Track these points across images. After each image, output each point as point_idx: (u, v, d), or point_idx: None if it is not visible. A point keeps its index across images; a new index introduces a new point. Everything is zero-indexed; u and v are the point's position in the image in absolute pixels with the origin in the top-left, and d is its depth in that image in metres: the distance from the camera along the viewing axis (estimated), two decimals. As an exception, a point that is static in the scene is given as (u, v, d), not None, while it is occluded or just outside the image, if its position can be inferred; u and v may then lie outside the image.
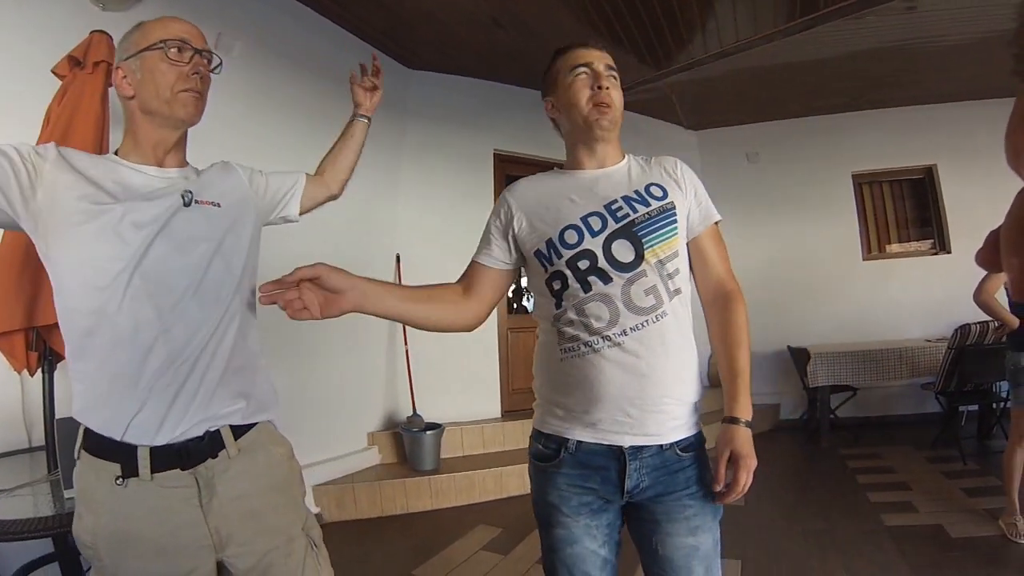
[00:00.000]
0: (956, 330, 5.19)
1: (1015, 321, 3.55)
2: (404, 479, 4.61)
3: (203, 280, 1.42)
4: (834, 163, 7.29)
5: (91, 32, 2.43)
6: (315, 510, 4.23)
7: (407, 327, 5.04)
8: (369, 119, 2.05)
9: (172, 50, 1.42)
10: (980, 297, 3.76)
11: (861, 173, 7.31)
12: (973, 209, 6.56)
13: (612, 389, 1.43)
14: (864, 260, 7.23)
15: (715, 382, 6.59)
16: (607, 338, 1.43)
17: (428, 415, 5.09)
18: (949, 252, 6.87)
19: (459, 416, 5.46)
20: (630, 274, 1.45)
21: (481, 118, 5.84)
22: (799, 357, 6.32)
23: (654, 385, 1.43)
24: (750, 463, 1.43)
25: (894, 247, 7.37)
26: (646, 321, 1.43)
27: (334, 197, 2.01)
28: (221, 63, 1.55)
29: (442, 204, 5.59)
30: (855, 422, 6.47)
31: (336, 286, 1.37)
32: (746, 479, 1.43)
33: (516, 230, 1.59)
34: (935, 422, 5.84)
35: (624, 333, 1.42)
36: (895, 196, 7.39)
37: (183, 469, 1.36)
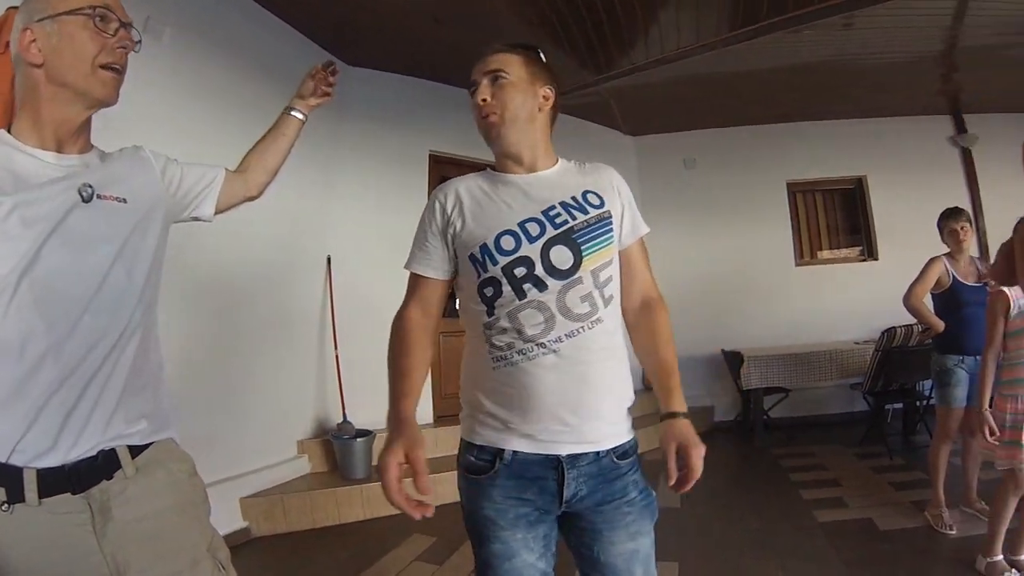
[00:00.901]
0: (883, 333, 5.43)
1: (940, 324, 3.75)
2: (335, 488, 4.44)
3: (101, 288, 1.28)
4: (769, 172, 7.51)
5: (7, 8, 2.28)
6: (242, 524, 4.05)
7: (336, 329, 5.00)
8: (306, 118, 1.90)
9: (99, 19, 1.28)
10: (909, 301, 3.86)
11: (795, 182, 7.57)
12: (899, 219, 6.97)
13: (550, 397, 1.40)
14: (796, 266, 7.48)
15: (648, 385, 6.73)
16: (542, 345, 1.40)
17: (359, 421, 4.90)
18: (876, 259, 7.25)
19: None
20: (566, 281, 1.43)
21: (418, 118, 5.75)
22: (733, 360, 6.48)
23: (591, 392, 1.42)
24: (700, 450, 1.42)
25: (825, 254, 7.68)
26: (581, 328, 1.42)
27: (252, 198, 1.83)
28: (140, 41, 1.40)
29: (376, 206, 5.46)
30: (788, 422, 6.65)
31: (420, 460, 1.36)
32: (699, 464, 1.42)
33: (453, 231, 1.53)
34: (863, 420, 6.08)
35: (559, 340, 1.40)
36: (827, 205, 7.71)
37: (74, 493, 1.23)
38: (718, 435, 6.73)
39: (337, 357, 5.04)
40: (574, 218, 1.48)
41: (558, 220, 1.47)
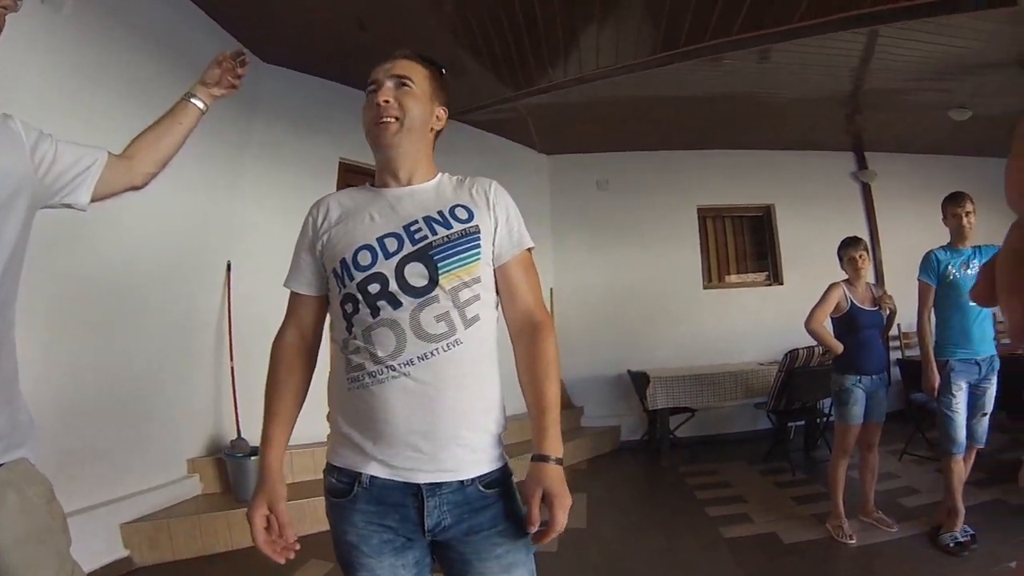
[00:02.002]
0: (786, 355, 5.70)
1: (839, 347, 3.97)
2: (228, 511, 4.08)
3: None
4: (681, 196, 7.80)
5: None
6: (123, 553, 3.69)
7: (233, 340, 4.73)
8: (207, 108, 1.78)
9: None
10: (810, 325, 4.05)
11: (706, 207, 7.91)
12: (804, 246, 7.42)
13: (399, 423, 1.35)
14: (704, 289, 7.78)
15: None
16: (392, 368, 1.36)
17: (255, 438, 4.48)
18: (782, 284, 7.69)
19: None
20: (421, 299, 1.38)
21: (332, 123, 5.58)
22: (639, 381, 6.60)
23: (447, 417, 1.36)
24: (565, 502, 1.36)
25: (733, 278, 8.05)
26: (436, 350, 1.36)
27: (135, 188, 1.70)
28: (21, 2, 1.32)
29: (282, 211, 5.04)
30: (693, 441, 6.79)
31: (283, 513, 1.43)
32: (563, 519, 1.36)
33: (321, 246, 1.51)
34: (767, 438, 6.32)
35: (411, 363, 1.35)
36: (736, 231, 8.11)
37: None
38: (624, 454, 6.85)
39: (233, 369, 4.75)
40: (435, 233, 1.44)
41: (417, 236, 1.44)
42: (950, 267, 3.70)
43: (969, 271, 3.66)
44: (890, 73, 5.23)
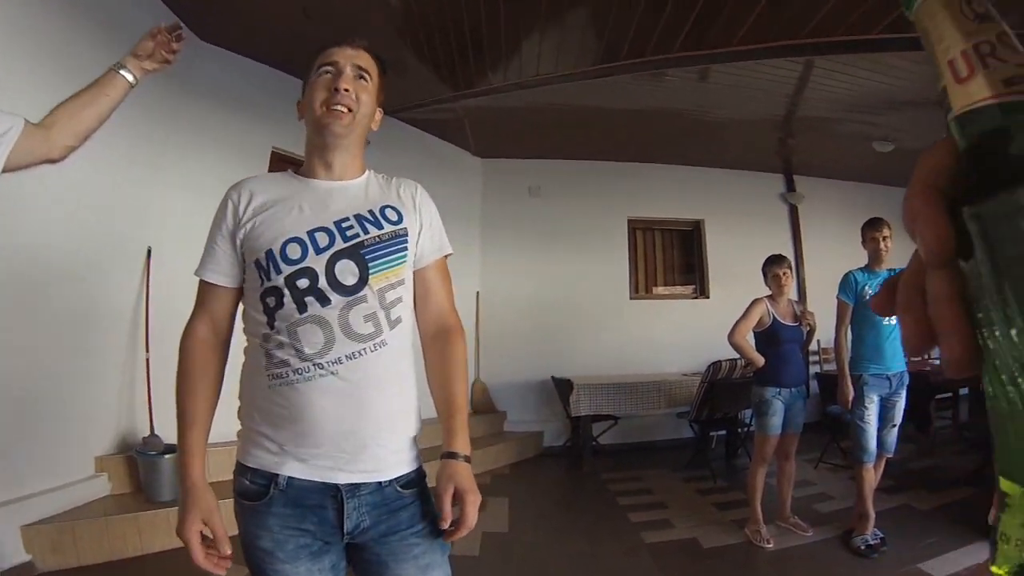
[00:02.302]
0: (709, 366, 5.87)
1: (760, 360, 4.11)
2: (138, 513, 3.83)
3: None
4: (612, 207, 7.93)
5: None
6: (24, 558, 3.41)
7: (150, 331, 4.46)
8: (136, 82, 1.70)
9: None
10: (733, 338, 4.18)
11: (636, 219, 8.08)
12: (731, 262, 7.68)
13: (325, 422, 1.33)
14: (631, 299, 7.93)
15: (477, 408, 6.88)
16: (320, 366, 1.34)
17: (169, 435, 4.18)
18: (708, 297, 7.92)
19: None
20: (350, 298, 1.37)
21: (267, 110, 5.37)
22: (563, 388, 6.65)
23: (371, 418, 1.36)
24: (475, 498, 1.39)
25: (660, 289, 8.25)
26: (364, 349, 1.36)
27: (52, 161, 1.62)
28: None
29: (209, 197, 4.85)
30: (616, 448, 6.94)
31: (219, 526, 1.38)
32: (473, 514, 1.38)
33: (243, 234, 1.45)
34: (689, 446, 6.46)
35: (339, 361, 1.34)
36: (665, 243, 8.35)
37: None
38: (547, 460, 6.89)
39: (148, 362, 4.45)
40: (366, 232, 1.44)
41: (349, 233, 1.43)
42: (867, 288, 3.92)
43: (885, 292, 3.87)
44: (822, 102, 5.49)
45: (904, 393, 3.92)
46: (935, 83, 0.36)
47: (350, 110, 1.46)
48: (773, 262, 4.29)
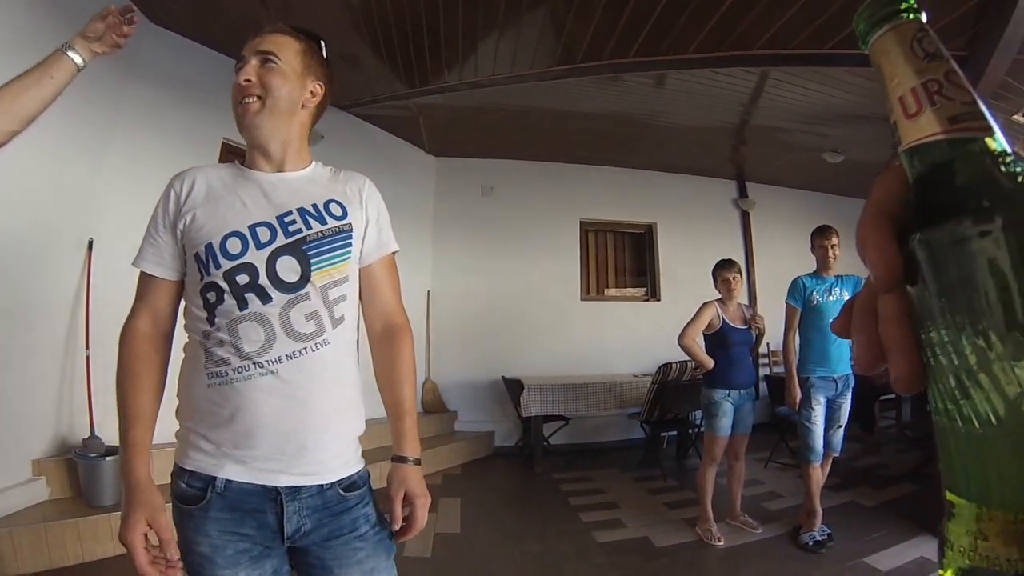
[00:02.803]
0: (660, 368, 5.97)
1: (710, 362, 4.23)
2: (79, 519, 3.67)
3: None
4: (565, 208, 8.02)
5: None
6: None
7: (90, 326, 4.22)
8: (84, 65, 1.60)
9: None
10: (683, 341, 4.27)
11: (589, 221, 8.19)
12: (682, 265, 7.90)
13: (265, 423, 1.30)
14: (582, 300, 8.01)
15: (428, 408, 6.90)
16: (259, 365, 1.31)
17: (110, 437, 4.07)
18: (659, 300, 8.09)
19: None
20: (292, 296, 1.35)
21: (219, 100, 5.01)
22: (513, 388, 6.69)
23: (313, 419, 1.34)
24: (426, 501, 1.42)
25: (611, 291, 8.37)
26: (305, 348, 1.34)
27: None
28: None
29: (155, 188, 4.58)
30: (567, 448, 7.00)
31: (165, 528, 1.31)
32: (424, 516, 1.43)
33: (184, 225, 1.41)
34: (640, 447, 6.58)
35: (279, 360, 1.32)
36: (617, 246, 8.48)
37: None
38: (498, 460, 6.93)
39: (88, 359, 4.25)
40: (309, 227, 1.40)
41: (292, 228, 1.39)
42: (815, 293, 4.07)
43: (832, 297, 4.04)
44: (775, 112, 5.67)
45: (850, 395, 4.08)
46: (888, 116, 0.39)
47: (259, 98, 1.42)
48: (723, 267, 4.40)
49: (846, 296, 4.07)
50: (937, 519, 0.36)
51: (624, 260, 8.48)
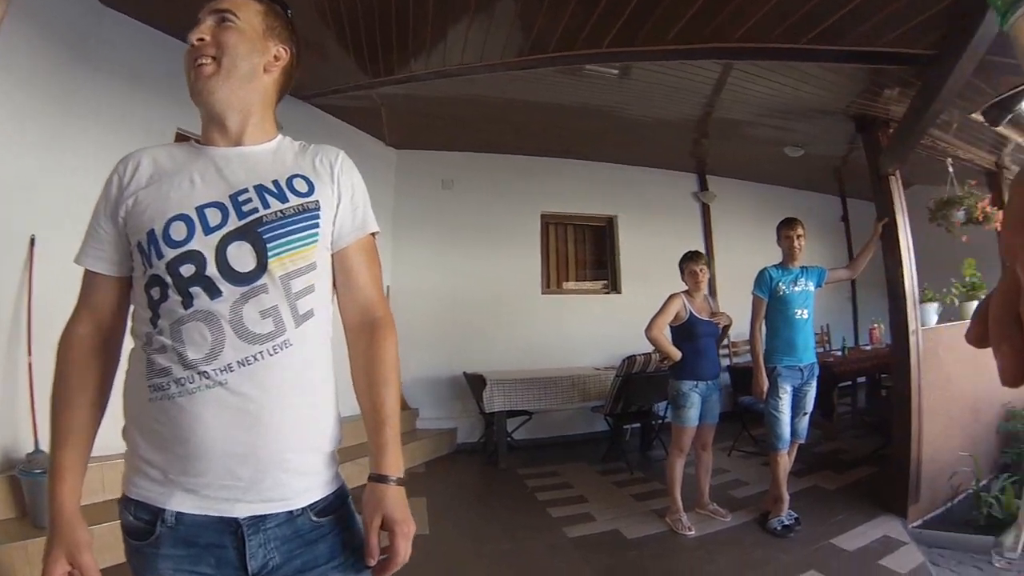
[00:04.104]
0: (624, 360, 6.05)
1: (677, 354, 4.34)
2: (25, 541, 3.36)
3: None
4: (525, 201, 8.08)
5: None
6: None
7: (33, 331, 3.94)
8: None
9: None
10: (651, 332, 4.36)
11: (549, 214, 8.27)
12: (642, 258, 8.08)
13: (213, 444, 1.13)
14: (543, 294, 8.10)
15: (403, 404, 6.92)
16: (204, 375, 1.14)
17: None
18: (620, 292, 8.24)
19: (99, 449, 4.22)
20: (246, 288, 1.18)
21: (176, 89, 4.77)
22: (475, 383, 6.71)
23: (271, 437, 1.17)
24: (407, 529, 1.22)
25: (571, 284, 8.46)
26: (260, 353, 1.16)
27: None
28: None
29: (102, 183, 4.40)
30: (531, 443, 7.06)
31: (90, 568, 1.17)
32: (405, 548, 1.22)
33: (125, 211, 1.26)
34: (604, 439, 6.68)
35: (228, 369, 1.14)
36: (578, 239, 8.58)
37: None
38: (462, 457, 6.94)
39: (31, 367, 3.92)
40: (267, 206, 1.24)
41: (246, 208, 1.23)
42: (781, 284, 4.22)
43: (797, 288, 4.21)
44: (738, 105, 5.77)
45: (815, 383, 4.24)
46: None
47: (213, 59, 1.28)
48: (690, 258, 4.51)
49: (811, 287, 4.25)
50: (895, 499, 0.38)
51: (585, 253, 8.59)
